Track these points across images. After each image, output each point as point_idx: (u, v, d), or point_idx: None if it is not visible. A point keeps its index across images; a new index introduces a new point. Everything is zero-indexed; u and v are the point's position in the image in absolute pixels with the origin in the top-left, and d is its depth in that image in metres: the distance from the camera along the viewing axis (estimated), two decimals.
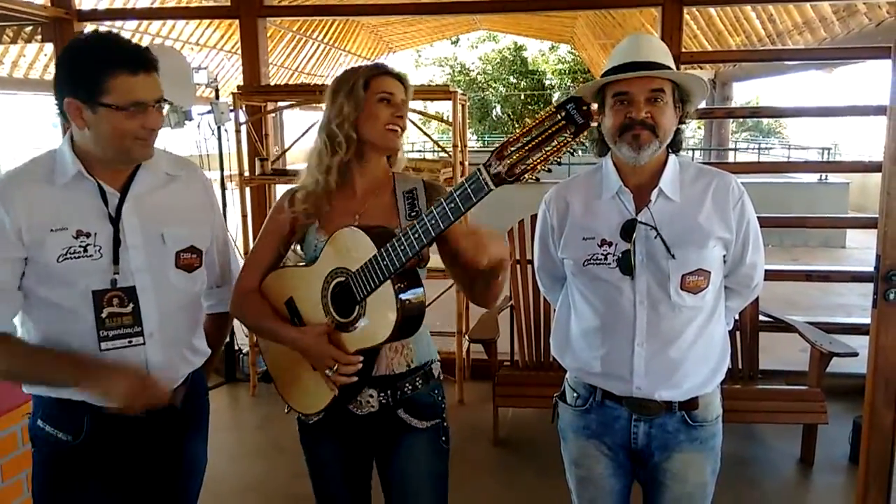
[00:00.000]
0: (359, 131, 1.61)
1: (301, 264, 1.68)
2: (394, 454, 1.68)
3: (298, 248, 1.73)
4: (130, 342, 1.49)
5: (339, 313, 1.56)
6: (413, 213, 1.63)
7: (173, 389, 1.57)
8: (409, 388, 1.65)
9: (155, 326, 1.52)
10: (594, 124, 1.22)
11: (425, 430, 1.67)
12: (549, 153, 1.23)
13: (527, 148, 1.24)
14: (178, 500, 1.71)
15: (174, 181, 1.62)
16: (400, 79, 1.65)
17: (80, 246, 1.44)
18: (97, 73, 1.38)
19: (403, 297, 1.47)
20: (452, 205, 1.32)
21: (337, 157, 1.62)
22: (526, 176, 1.25)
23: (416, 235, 1.39)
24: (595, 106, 1.23)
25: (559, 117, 1.21)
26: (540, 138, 1.23)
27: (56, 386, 1.49)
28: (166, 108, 1.50)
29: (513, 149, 1.25)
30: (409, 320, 1.51)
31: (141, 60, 1.42)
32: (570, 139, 1.21)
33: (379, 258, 1.44)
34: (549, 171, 1.27)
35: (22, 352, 1.49)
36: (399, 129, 1.63)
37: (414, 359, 1.66)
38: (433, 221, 1.36)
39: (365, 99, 1.60)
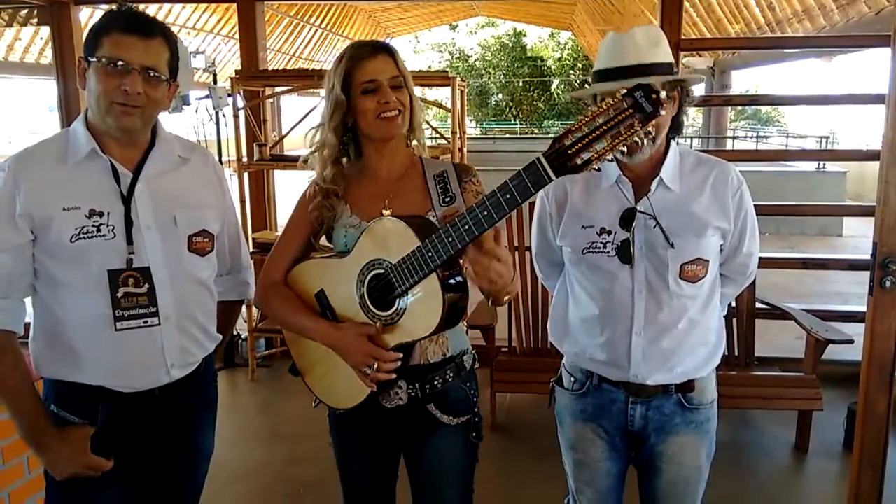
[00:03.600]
0: (357, 129, 1.57)
1: (327, 255, 1.62)
2: (423, 449, 1.63)
3: (324, 239, 1.66)
4: (146, 322, 1.49)
5: (377, 307, 1.49)
6: (447, 198, 1.56)
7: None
8: (440, 381, 1.58)
9: (170, 309, 1.52)
10: (663, 112, 1.13)
11: (455, 426, 1.61)
12: (615, 143, 1.14)
13: (590, 137, 1.15)
14: (186, 485, 1.72)
15: (186, 164, 1.62)
16: (384, 51, 1.54)
17: (94, 226, 1.44)
18: (99, 31, 1.43)
19: (449, 289, 1.39)
20: (508, 196, 1.24)
21: (336, 166, 1.59)
22: (590, 167, 1.16)
23: (467, 227, 1.29)
24: (663, 94, 1.15)
25: (625, 105, 1.13)
26: (605, 127, 1.14)
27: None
28: (162, 82, 1.46)
29: (575, 137, 1.16)
30: (454, 312, 1.44)
31: (136, 23, 1.43)
32: (638, 128, 1.12)
33: (424, 250, 1.36)
34: (612, 160, 1.17)
35: (10, 374, 1.48)
36: (393, 114, 1.52)
37: (449, 348, 1.60)
38: (486, 213, 1.27)
39: (351, 97, 1.53)
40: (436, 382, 1.58)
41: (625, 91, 1.14)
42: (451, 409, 1.60)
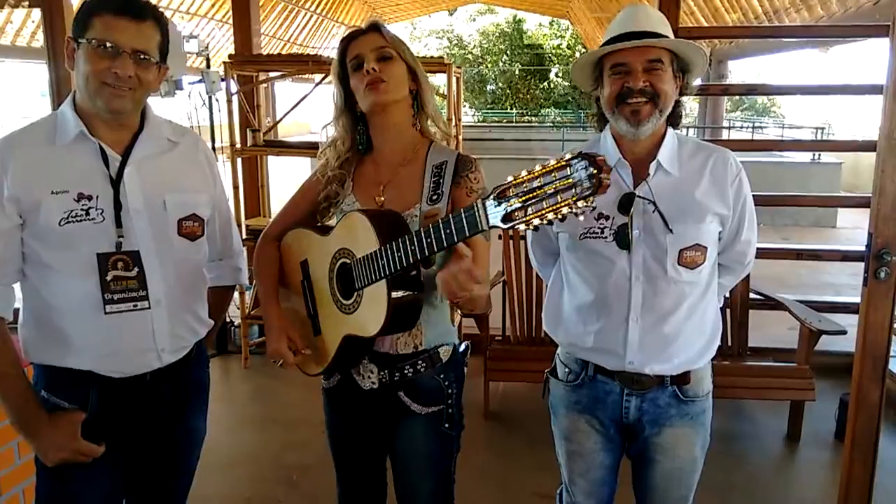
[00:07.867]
0: (364, 115, 1.61)
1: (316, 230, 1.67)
2: (396, 436, 1.66)
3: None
4: (135, 306, 1.48)
5: (342, 292, 1.53)
6: (434, 196, 1.55)
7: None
8: (410, 370, 1.60)
9: (161, 293, 1.51)
10: (600, 194, 1.05)
11: (425, 415, 1.63)
12: (548, 209, 1.08)
13: (528, 196, 1.11)
14: (178, 470, 1.71)
15: (176, 148, 1.60)
16: (372, 28, 1.56)
17: (82, 209, 1.43)
18: (90, 12, 1.41)
19: (395, 297, 1.42)
20: (448, 231, 1.27)
21: (348, 154, 1.64)
22: (522, 227, 1.13)
23: (413, 249, 1.33)
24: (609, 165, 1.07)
25: (567, 172, 1.07)
26: (543, 190, 1.09)
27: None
28: (153, 66, 1.45)
29: (514, 193, 1.13)
30: (401, 318, 1.47)
31: (129, 5, 1.42)
32: (572, 202, 1.05)
33: (379, 256, 1.39)
34: (550, 223, 1.11)
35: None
36: (375, 83, 1.51)
37: (423, 341, 1.61)
38: (429, 240, 1.30)
39: (349, 81, 1.57)
40: (406, 371, 1.60)
41: (569, 156, 1.07)
42: (422, 398, 1.62)
